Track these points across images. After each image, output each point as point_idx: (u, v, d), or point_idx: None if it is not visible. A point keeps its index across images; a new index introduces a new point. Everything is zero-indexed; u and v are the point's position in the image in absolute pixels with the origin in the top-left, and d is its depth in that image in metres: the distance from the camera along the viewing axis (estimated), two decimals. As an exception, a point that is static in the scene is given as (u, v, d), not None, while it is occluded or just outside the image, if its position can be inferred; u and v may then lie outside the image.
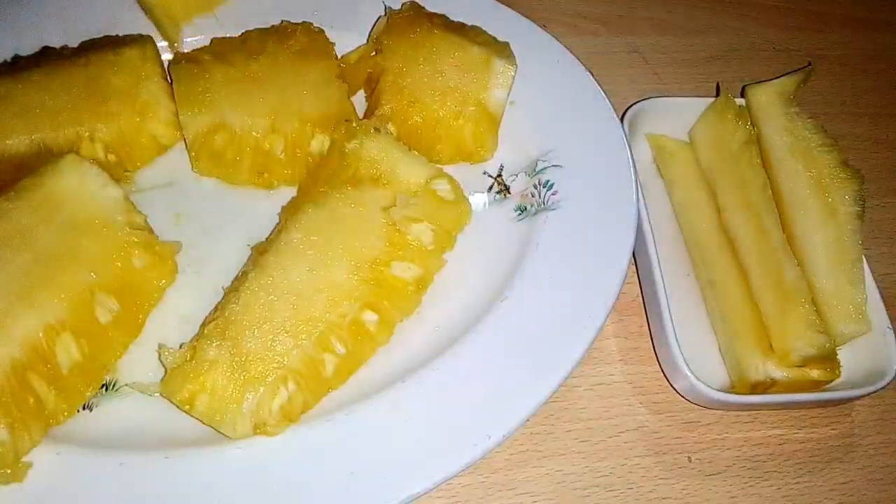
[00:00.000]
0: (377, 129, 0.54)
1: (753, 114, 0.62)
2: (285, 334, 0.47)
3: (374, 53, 0.60)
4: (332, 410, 0.48)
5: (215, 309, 0.50)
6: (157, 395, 0.47)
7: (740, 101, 0.63)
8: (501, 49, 0.59)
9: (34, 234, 0.46)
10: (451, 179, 0.53)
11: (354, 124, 0.54)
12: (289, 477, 0.45)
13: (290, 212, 0.53)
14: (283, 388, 0.46)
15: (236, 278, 0.51)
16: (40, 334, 0.43)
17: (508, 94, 0.59)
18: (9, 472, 0.42)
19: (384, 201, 0.51)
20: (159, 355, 0.47)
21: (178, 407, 0.46)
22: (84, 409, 0.48)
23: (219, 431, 0.46)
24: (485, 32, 0.60)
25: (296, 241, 0.50)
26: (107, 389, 0.49)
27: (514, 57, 0.59)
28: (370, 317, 0.49)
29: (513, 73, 0.58)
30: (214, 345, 0.46)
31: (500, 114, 0.59)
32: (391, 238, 0.50)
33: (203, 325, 0.49)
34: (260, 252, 0.51)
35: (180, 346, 0.48)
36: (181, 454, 0.45)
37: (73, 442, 0.46)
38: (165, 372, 0.47)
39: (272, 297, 0.48)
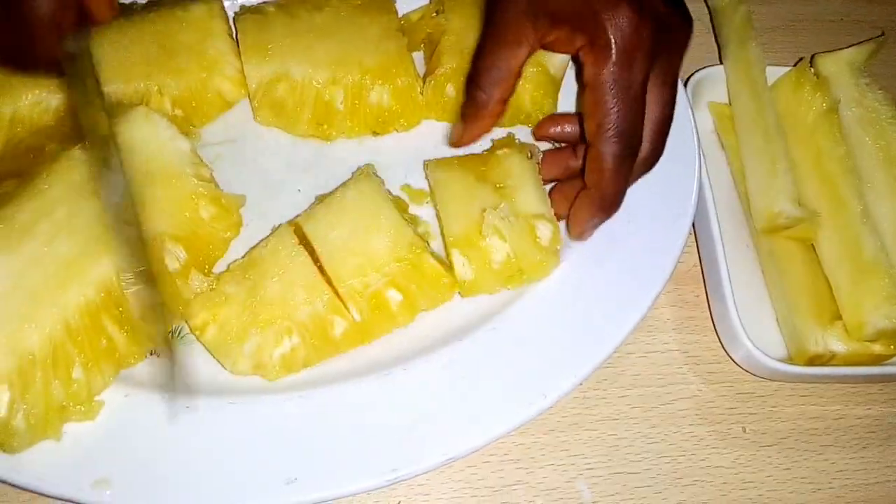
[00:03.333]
0: (531, 154, 0.54)
1: (824, 83, 0.60)
2: (301, 288, 0.48)
3: (435, 14, 0.60)
4: (390, 365, 0.49)
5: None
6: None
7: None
8: None
9: (107, 183, 0.47)
10: (556, 229, 0.51)
11: (516, 140, 0.55)
12: (348, 426, 0.46)
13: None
14: (287, 339, 0.47)
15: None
16: (113, 278, 0.45)
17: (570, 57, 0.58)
18: (83, 409, 0.44)
19: (487, 203, 0.51)
20: (191, 279, 0.49)
21: (190, 331, 0.48)
22: (151, 355, 0.49)
23: (219, 363, 0.47)
24: None
25: (350, 199, 0.50)
26: (172, 337, 0.50)
27: None
28: (394, 295, 0.49)
29: None
30: (234, 281, 0.48)
31: (561, 77, 0.59)
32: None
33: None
34: (320, 200, 0.52)
35: (208, 275, 0.49)
36: (246, 400, 0.47)
37: (140, 385, 0.47)
38: None
39: (300, 248, 0.49)
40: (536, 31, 0.45)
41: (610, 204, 0.47)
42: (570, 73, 0.60)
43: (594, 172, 0.46)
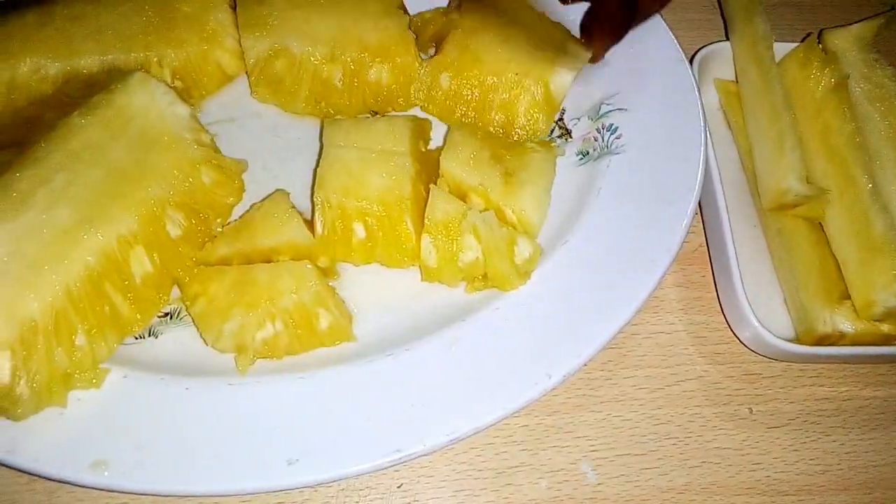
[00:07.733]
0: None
1: (832, 59, 0.59)
2: (288, 274, 0.47)
3: (449, 11, 0.58)
4: (393, 346, 0.48)
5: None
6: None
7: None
8: (576, 40, 0.59)
9: (106, 149, 0.46)
10: (537, 251, 0.50)
11: (553, 144, 0.54)
12: (351, 406, 0.45)
13: None
14: (271, 324, 0.47)
15: None
16: (114, 245, 0.44)
17: (573, 82, 0.56)
18: (88, 376, 0.44)
19: (486, 180, 0.50)
20: None
21: (182, 300, 0.48)
22: (150, 335, 0.49)
23: (202, 337, 0.47)
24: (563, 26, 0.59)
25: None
26: (171, 318, 0.49)
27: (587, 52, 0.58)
28: (359, 228, 0.49)
29: (585, 62, 0.57)
30: (226, 243, 0.48)
31: (560, 98, 0.57)
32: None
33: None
34: None
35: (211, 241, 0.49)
36: (244, 381, 0.46)
37: (139, 367, 0.47)
38: None
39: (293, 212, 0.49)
40: None
41: None
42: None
43: None
